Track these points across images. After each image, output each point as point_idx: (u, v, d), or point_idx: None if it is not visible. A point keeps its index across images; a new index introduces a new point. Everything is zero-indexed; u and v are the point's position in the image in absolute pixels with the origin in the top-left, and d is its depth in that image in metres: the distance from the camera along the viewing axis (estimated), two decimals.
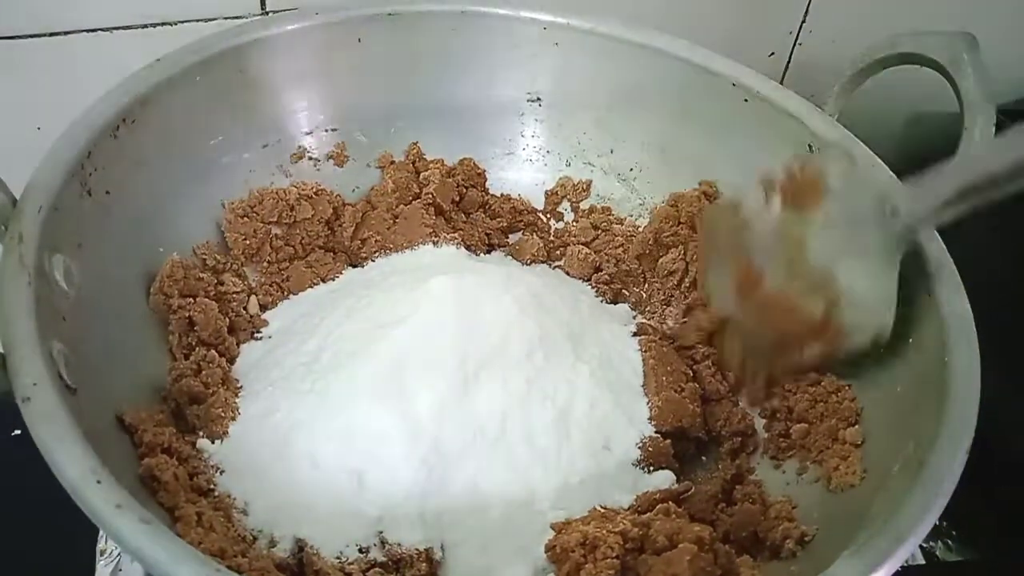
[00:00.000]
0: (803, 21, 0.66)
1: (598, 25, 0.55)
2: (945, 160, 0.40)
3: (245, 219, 0.50)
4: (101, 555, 0.48)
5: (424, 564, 0.39)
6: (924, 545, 0.52)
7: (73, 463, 0.29)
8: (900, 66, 0.48)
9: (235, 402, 0.43)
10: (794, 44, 0.66)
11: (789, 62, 0.67)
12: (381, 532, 0.40)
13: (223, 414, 0.42)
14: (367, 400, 0.42)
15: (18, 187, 0.37)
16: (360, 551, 0.39)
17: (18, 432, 0.48)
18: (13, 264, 0.34)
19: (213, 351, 0.45)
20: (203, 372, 0.44)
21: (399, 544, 0.39)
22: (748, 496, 0.43)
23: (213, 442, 0.41)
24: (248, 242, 0.50)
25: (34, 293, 0.34)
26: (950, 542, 0.52)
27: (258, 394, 0.44)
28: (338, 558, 0.39)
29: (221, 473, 0.40)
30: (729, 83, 0.52)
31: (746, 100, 0.52)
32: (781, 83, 0.54)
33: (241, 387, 0.45)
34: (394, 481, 0.40)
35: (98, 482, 0.29)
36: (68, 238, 0.38)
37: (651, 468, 0.45)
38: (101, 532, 0.45)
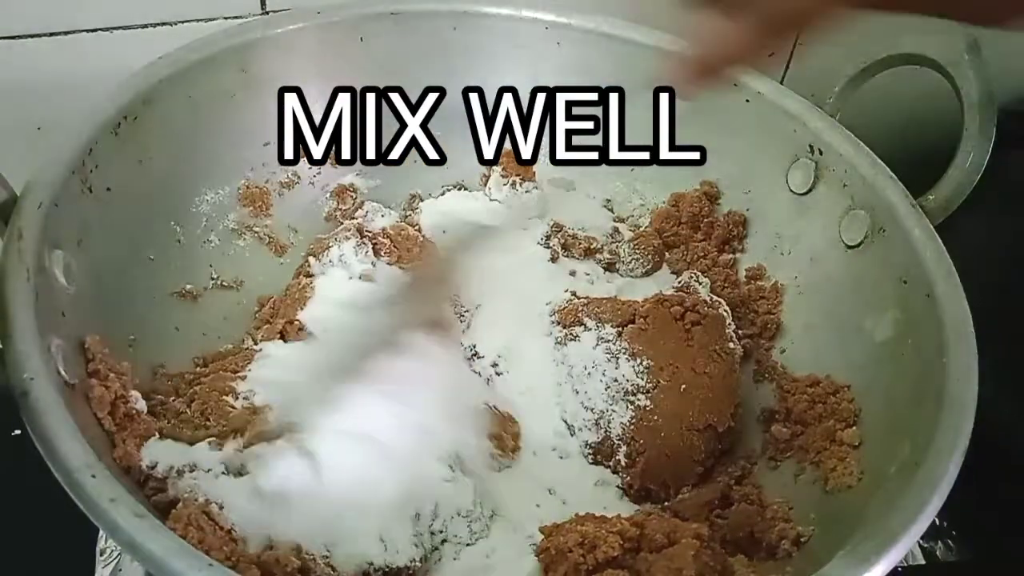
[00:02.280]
0: None
1: (600, 25, 0.55)
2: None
3: None
4: (101, 555, 0.48)
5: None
6: (924, 545, 0.52)
7: (69, 457, 0.29)
8: (900, 66, 0.48)
9: None
10: (794, 44, 0.65)
11: (789, 62, 0.66)
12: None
13: None
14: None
15: (18, 188, 0.37)
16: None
17: (18, 432, 0.48)
18: (13, 260, 0.34)
19: None
20: None
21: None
22: (746, 497, 0.43)
23: None
24: None
25: (33, 289, 0.34)
26: (950, 542, 0.52)
27: None
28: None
29: None
30: (730, 83, 0.52)
31: (747, 100, 0.52)
32: (781, 83, 0.53)
33: None
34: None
35: (93, 476, 0.29)
36: (68, 234, 0.39)
37: None
38: (101, 532, 0.46)
